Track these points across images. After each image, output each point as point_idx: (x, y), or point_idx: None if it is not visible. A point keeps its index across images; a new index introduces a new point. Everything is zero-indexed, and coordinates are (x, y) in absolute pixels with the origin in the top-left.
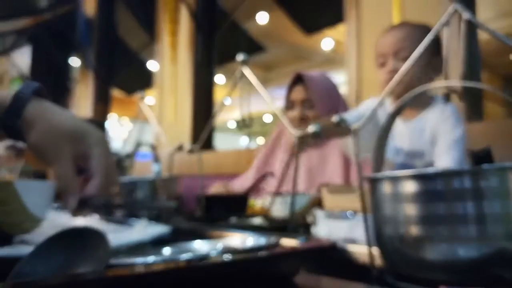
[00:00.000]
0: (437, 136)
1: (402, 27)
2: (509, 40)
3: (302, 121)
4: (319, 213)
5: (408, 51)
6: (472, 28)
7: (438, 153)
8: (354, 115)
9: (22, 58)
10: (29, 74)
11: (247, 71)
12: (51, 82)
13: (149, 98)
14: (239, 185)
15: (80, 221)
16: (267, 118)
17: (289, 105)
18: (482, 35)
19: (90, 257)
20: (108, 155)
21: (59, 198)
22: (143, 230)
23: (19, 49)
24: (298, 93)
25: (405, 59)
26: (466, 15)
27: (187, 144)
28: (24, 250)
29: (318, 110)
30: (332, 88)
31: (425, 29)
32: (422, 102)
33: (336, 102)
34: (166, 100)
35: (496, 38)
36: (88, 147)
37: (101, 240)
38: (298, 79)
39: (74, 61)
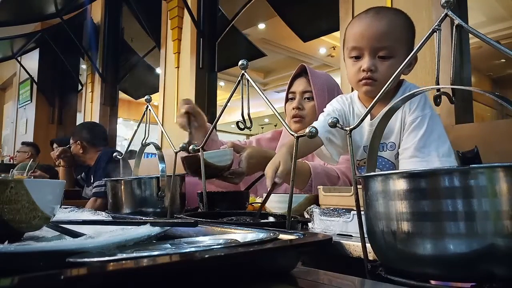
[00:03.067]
0: (406, 127)
1: (383, 16)
2: (498, 44)
3: (298, 110)
4: (315, 210)
5: (388, 51)
6: (463, 32)
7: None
8: (321, 121)
9: (31, 61)
10: (37, 77)
11: (247, 76)
12: (59, 85)
13: (154, 101)
14: None
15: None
16: (266, 120)
17: (289, 97)
18: (473, 39)
19: None
20: None
21: None
22: (149, 226)
23: (27, 53)
24: (300, 84)
25: (381, 58)
26: (457, 20)
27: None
28: (34, 246)
29: (316, 103)
30: (332, 86)
31: (404, 20)
32: (386, 96)
33: (331, 96)
34: (170, 103)
35: (487, 43)
36: None
37: None
38: (301, 72)
39: (82, 65)
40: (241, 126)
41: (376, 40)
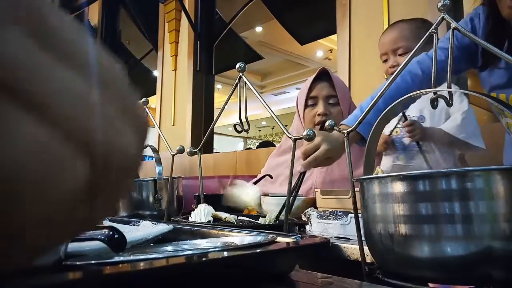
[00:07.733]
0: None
1: (397, 26)
2: (494, 47)
3: (325, 116)
4: (312, 213)
5: (404, 49)
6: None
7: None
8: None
9: None
10: None
11: (244, 78)
12: None
13: (151, 104)
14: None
15: None
16: (263, 122)
17: (310, 102)
18: None
19: None
20: None
21: None
22: (147, 229)
23: None
24: (322, 89)
25: (402, 55)
26: (453, 23)
27: (187, 147)
28: None
29: (343, 107)
30: (347, 88)
31: (418, 24)
32: None
33: (351, 102)
34: (167, 106)
35: (482, 46)
36: None
37: None
38: (321, 75)
39: None
40: (239, 128)
41: (394, 42)
